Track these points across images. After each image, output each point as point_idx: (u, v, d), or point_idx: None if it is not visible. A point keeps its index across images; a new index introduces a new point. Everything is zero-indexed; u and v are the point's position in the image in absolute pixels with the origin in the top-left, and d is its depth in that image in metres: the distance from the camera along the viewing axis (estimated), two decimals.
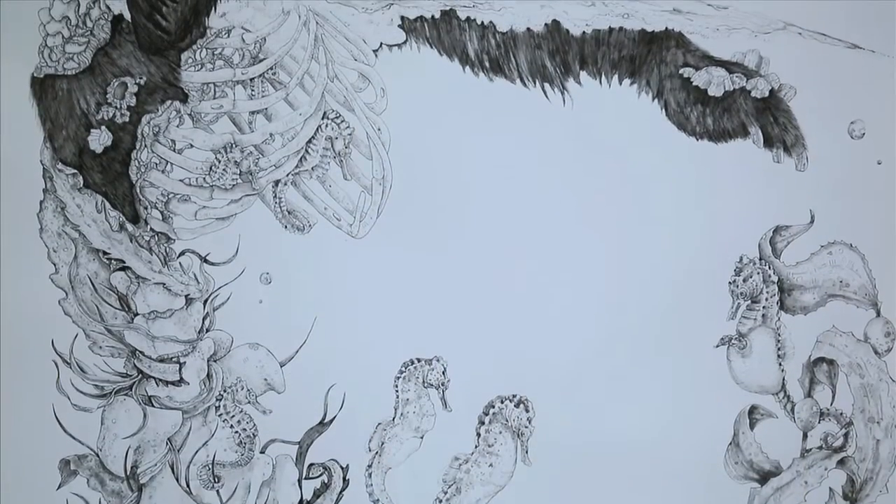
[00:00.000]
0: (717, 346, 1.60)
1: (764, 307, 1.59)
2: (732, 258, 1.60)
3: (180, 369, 1.59)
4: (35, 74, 1.56)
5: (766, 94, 1.57)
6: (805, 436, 1.59)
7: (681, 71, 1.58)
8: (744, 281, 1.59)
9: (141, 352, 1.58)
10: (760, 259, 1.59)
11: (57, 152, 1.57)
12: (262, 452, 1.59)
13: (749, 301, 1.60)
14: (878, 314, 1.59)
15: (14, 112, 1.56)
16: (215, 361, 1.60)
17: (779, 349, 1.59)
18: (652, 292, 1.60)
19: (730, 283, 1.60)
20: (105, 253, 1.58)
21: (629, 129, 1.59)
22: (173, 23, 1.56)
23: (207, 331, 1.60)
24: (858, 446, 1.59)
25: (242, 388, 1.59)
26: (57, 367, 1.57)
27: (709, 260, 1.60)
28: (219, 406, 1.59)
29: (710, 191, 1.59)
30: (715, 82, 1.57)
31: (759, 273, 1.59)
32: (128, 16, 1.57)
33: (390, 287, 1.60)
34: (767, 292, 1.59)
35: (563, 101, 1.60)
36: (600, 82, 1.60)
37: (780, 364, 1.59)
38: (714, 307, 1.60)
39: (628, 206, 1.59)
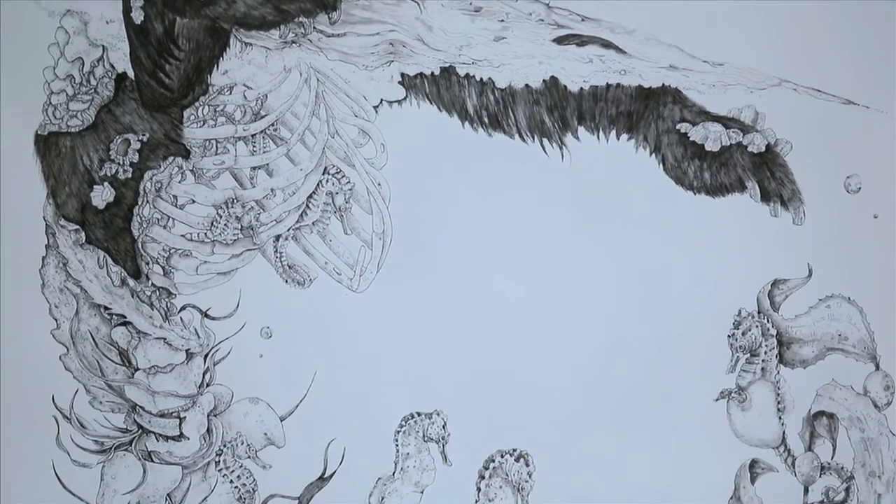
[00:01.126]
0: (717, 400, 1.60)
1: (763, 360, 1.60)
2: (731, 311, 1.60)
3: (180, 424, 1.59)
4: (39, 132, 1.58)
5: (763, 148, 1.58)
6: (806, 490, 1.59)
7: (678, 126, 1.60)
8: (743, 334, 1.59)
9: (141, 407, 1.58)
10: (759, 312, 1.60)
11: (60, 208, 1.58)
12: None
13: (748, 354, 1.60)
14: (878, 367, 1.59)
15: (17, 169, 1.58)
16: (215, 416, 1.60)
17: (779, 403, 1.59)
18: (651, 346, 1.60)
19: (729, 336, 1.60)
20: (106, 308, 1.59)
21: (627, 183, 1.61)
22: (176, 80, 1.58)
23: (208, 385, 1.60)
24: (860, 501, 1.59)
25: (242, 443, 1.59)
26: (57, 422, 1.57)
27: (708, 313, 1.60)
28: (219, 461, 1.59)
29: (708, 244, 1.60)
30: (712, 137, 1.58)
31: (757, 326, 1.59)
32: (131, 74, 1.59)
33: (390, 341, 1.61)
34: (766, 345, 1.60)
35: (562, 155, 1.61)
36: (598, 137, 1.61)
37: (780, 418, 1.59)
38: (713, 360, 1.61)
39: (627, 259, 1.60)
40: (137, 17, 1.55)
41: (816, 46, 1.58)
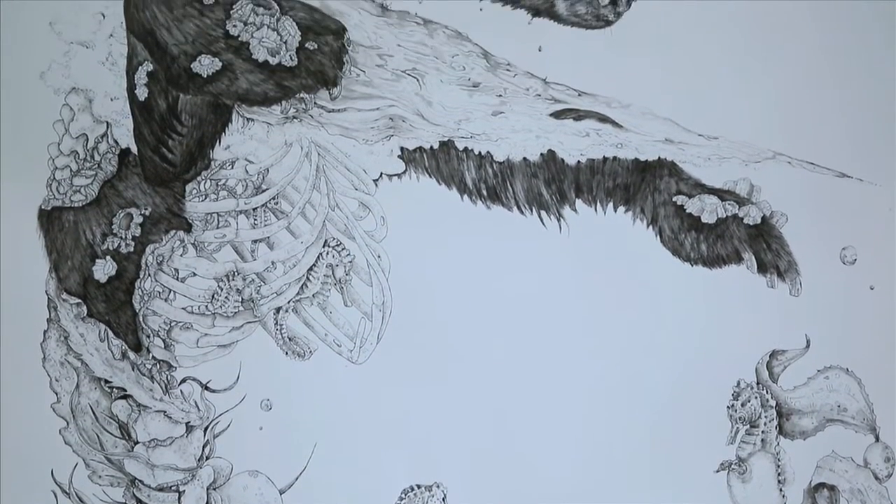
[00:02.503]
0: (717, 472, 1.60)
1: (763, 432, 1.60)
2: (730, 383, 1.61)
3: (179, 498, 1.58)
4: (43, 207, 1.60)
5: (759, 220, 1.60)
6: None
7: (674, 198, 1.61)
8: (742, 405, 1.60)
9: (140, 480, 1.58)
10: (758, 383, 1.60)
11: (62, 282, 1.60)
12: None
13: (748, 425, 1.60)
14: (877, 439, 1.59)
15: (20, 244, 1.59)
16: (215, 489, 1.59)
17: (779, 474, 1.59)
18: (651, 417, 1.60)
19: (728, 407, 1.60)
20: (107, 381, 1.60)
21: (625, 255, 1.62)
22: (179, 155, 1.60)
23: (207, 458, 1.60)
24: None
25: None
26: (56, 497, 1.57)
27: (706, 384, 1.61)
28: None
29: (706, 316, 1.61)
30: (708, 209, 1.60)
31: (756, 397, 1.60)
32: (135, 149, 1.61)
33: (390, 413, 1.61)
34: (766, 417, 1.60)
35: (560, 228, 1.63)
36: (595, 210, 1.63)
37: (780, 490, 1.59)
38: (713, 432, 1.61)
39: (625, 331, 1.61)
40: (141, 93, 1.58)
41: (810, 120, 1.60)
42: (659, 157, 1.61)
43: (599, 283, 1.62)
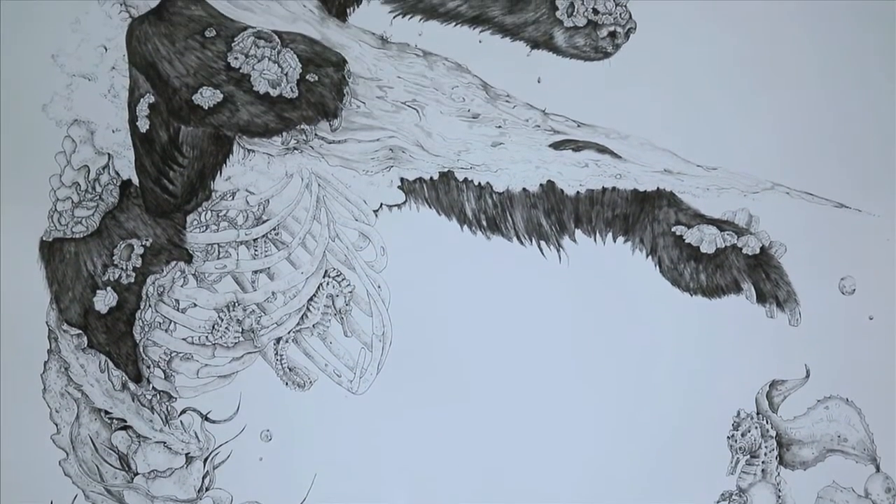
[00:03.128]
0: (718, 502, 1.60)
1: (763, 462, 1.60)
2: (730, 412, 1.61)
3: None
4: (44, 238, 1.61)
5: (757, 251, 1.60)
6: None
7: (673, 229, 1.62)
8: (742, 435, 1.60)
9: None
10: (758, 413, 1.60)
11: (63, 313, 1.60)
12: None
13: (748, 456, 1.60)
14: (878, 469, 1.59)
15: (21, 275, 1.60)
16: None
17: None
18: (650, 447, 1.60)
19: (728, 437, 1.60)
20: (107, 412, 1.60)
21: (625, 285, 1.63)
22: (180, 187, 1.61)
23: (207, 489, 1.60)
24: None
25: None
26: None
27: (706, 414, 1.61)
28: None
29: (705, 346, 1.61)
30: (707, 240, 1.61)
31: (757, 427, 1.60)
32: (136, 181, 1.62)
33: (390, 443, 1.61)
34: (766, 447, 1.60)
35: (559, 258, 1.63)
36: (595, 240, 1.64)
37: None
38: (713, 462, 1.60)
39: (625, 361, 1.61)
40: (143, 125, 1.59)
41: (808, 151, 1.61)
42: (658, 188, 1.62)
43: (599, 314, 1.62)
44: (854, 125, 1.61)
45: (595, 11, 1.59)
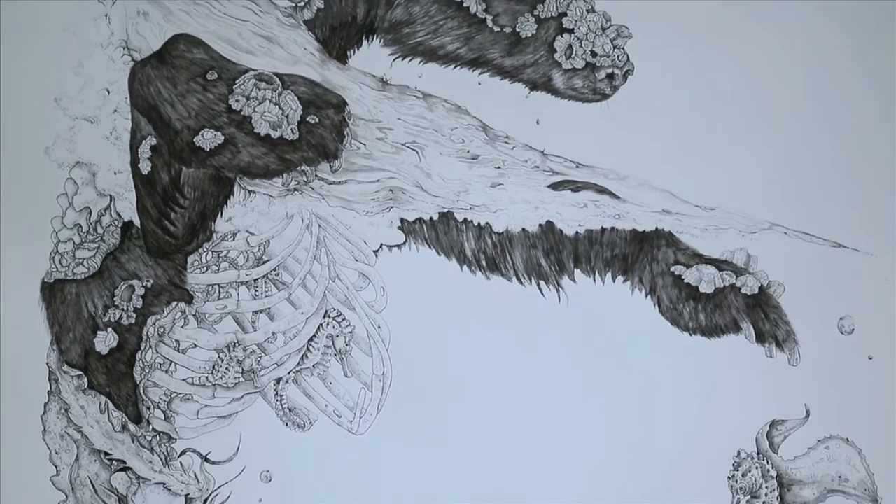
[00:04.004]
0: None
1: (764, 502, 1.59)
2: (730, 453, 1.61)
3: None
4: (45, 279, 1.61)
5: (756, 290, 1.61)
6: None
7: (672, 269, 1.63)
8: (743, 475, 1.59)
9: None
10: (758, 453, 1.60)
11: (63, 354, 1.60)
12: None
13: (749, 496, 1.59)
14: None
15: (22, 316, 1.60)
16: None
17: None
18: (650, 487, 1.60)
19: (729, 477, 1.60)
20: (106, 454, 1.59)
21: (624, 325, 1.63)
22: (181, 228, 1.62)
23: None
24: None
25: None
26: None
27: (706, 454, 1.61)
28: None
29: (705, 385, 1.61)
30: (705, 279, 1.61)
31: (757, 467, 1.59)
32: (137, 222, 1.63)
33: (391, 483, 1.61)
34: (767, 487, 1.59)
35: (559, 298, 1.64)
36: (594, 280, 1.64)
37: None
38: (714, 502, 1.60)
39: (625, 401, 1.61)
40: (145, 167, 1.60)
41: (806, 192, 1.62)
42: (657, 228, 1.63)
43: (599, 353, 1.62)
44: (851, 166, 1.62)
45: (593, 54, 1.60)
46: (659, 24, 1.62)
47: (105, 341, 1.60)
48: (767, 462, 1.60)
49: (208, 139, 1.57)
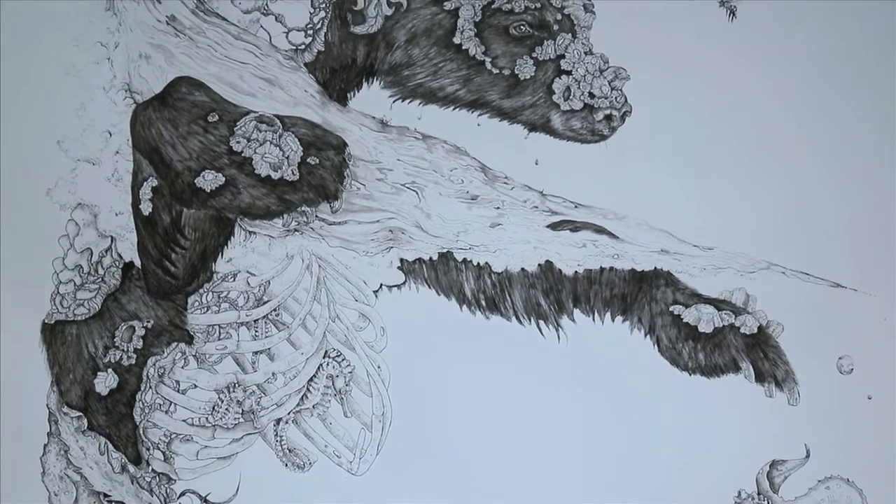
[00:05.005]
0: None
1: None
2: (731, 493, 1.60)
3: None
4: (46, 321, 1.62)
5: (755, 330, 1.61)
6: None
7: (671, 308, 1.63)
8: None
9: None
10: (759, 493, 1.60)
11: (63, 395, 1.61)
12: None
13: None
14: None
15: (23, 358, 1.61)
16: None
17: None
18: None
19: None
20: (106, 495, 1.59)
21: (623, 364, 1.63)
22: (182, 268, 1.63)
23: None
24: None
25: None
26: None
27: (707, 495, 1.60)
28: None
29: (705, 425, 1.61)
30: (704, 319, 1.62)
31: None
32: (138, 263, 1.63)
33: None
34: None
35: (558, 337, 1.64)
36: (594, 319, 1.65)
37: None
38: None
39: (625, 441, 1.61)
40: (146, 208, 1.61)
41: (803, 231, 1.63)
42: (655, 268, 1.64)
43: (598, 393, 1.62)
44: (849, 205, 1.63)
45: (591, 95, 1.62)
46: (656, 65, 1.64)
47: (105, 382, 1.60)
48: (768, 502, 1.59)
49: (209, 180, 1.58)
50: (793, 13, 1.65)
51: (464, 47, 1.63)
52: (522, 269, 1.64)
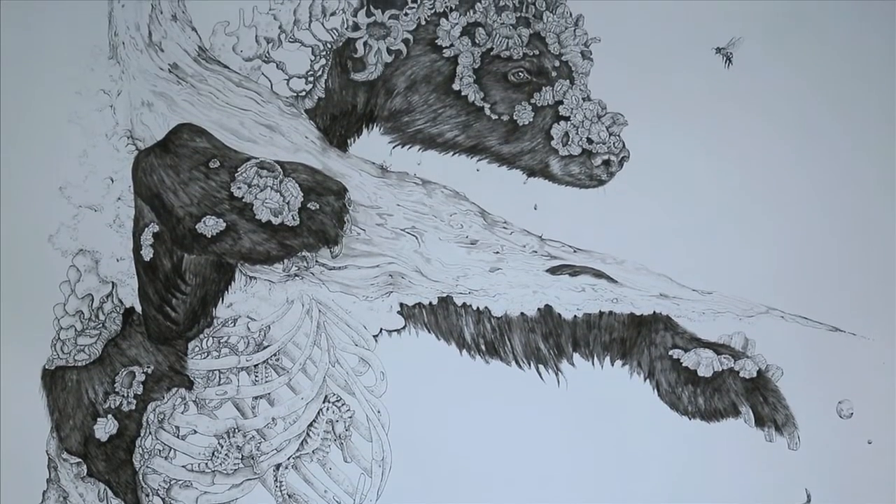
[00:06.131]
0: None
1: None
2: None
3: None
4: (46, 367, 1.62)
5: (754, 374, 1.62)
6: None
7: (670, 352, 1.63)
8: None
9: None
10: None
11: (63, 442, 1.61)
12: None
13: None
14: None
15: (23, 404, 1.61)
16: None
17: None
18: None
19: None
20: None
21: (623, 409, 1.63)
22: (182, 314, 1.63)
23: None
24: None
25: None
26: None
27: None
28: None
29: (704, 470, 1.61)
30: (704, 363, 1.62)
31: None
32: (139, 308, 1.64)
33: None
34: None
35: (558, 381, 1.64)
36: (593, 363, 1.65)
37: None
38: None
39: (624, 485, 1.61)
40: (147, 254, 1.62)
41: (801, 275, 1.63)
42: (654, 312, 1.64)
43: (598, 437, 1.62)
44: (847, 250, 1.64)
45: (589, 141, 1.63)
46: (654, 111, 1.65)
47: (105, 428, 1.60)
48: None
49: (210, 226, 1.59)
50: (789, 59, 1.66)
51: (463, 93, 1.64)
52: (522, 313, 1.65)
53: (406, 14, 1.64)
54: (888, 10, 1.66)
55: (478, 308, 1.65)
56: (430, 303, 1.65)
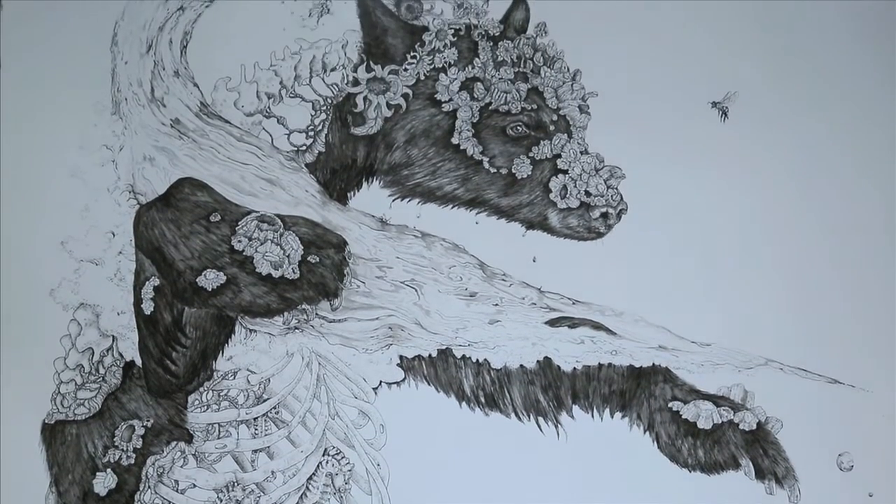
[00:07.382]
0: None
1: None
2: None
3: None
4: (46, 421, 1.62)
5: (754, 426, 1.61)
6: None
7: (670, 404, 1.63)
8: None
9: None
10: None
11: (62, 496, 1.60)
12: None
13: None
14: None
15: (22, 458, 1.61)
16: None
17: None
18: None
19: None
20: None
21: (623, 461, 1.63)
22: (182, 367, 1.63)
23: None
24: None
25: None
26: None
27: None
28: None
29: None
30: (703, 415, 1.62)
31: None
32: (139, 362, 1.64)
33: None
34: None
35: (558, 434, 1.64)
36: (593, 416, 1.65)
37: None
38: None
39: None
40: (147, 307, 1.63)
41: (800, 328, 1.64)
42: (653, 364, 1.64)
43: (598, 490, 1.62)
44: (846, 302, 1.65)
45: (587, 193, 1.64)
46: (651, 164, 1.67)
47: (104, 482, 1.60)
48: None
49: (211, 279, 1.60)
50: (785, 112, 1.68)
51: (462, 147, 1.66)
52: (521, 365, 1.65)
53: (405, 69, 1.67)
54: (886, 62, 1.68)
55: (477, 360, 1.65)
56: (430, 355, 1.66)
